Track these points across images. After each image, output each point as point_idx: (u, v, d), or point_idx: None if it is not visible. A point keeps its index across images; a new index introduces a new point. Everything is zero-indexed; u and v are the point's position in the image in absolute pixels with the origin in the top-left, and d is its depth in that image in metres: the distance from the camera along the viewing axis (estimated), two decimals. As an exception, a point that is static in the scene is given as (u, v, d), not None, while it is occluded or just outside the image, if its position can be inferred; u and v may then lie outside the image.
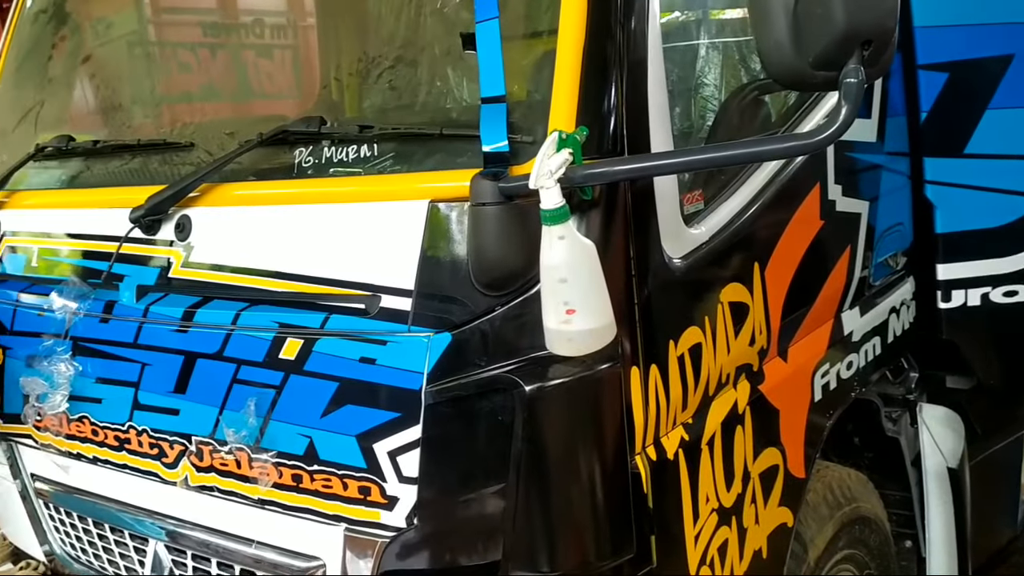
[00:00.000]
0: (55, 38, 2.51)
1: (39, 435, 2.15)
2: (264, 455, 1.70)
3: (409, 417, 1.53)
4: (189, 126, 2.06)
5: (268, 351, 1.68)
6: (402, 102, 1.84)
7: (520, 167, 1.43)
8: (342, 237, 1.63)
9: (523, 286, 1.45)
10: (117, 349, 1.94)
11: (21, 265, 2.21)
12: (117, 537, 2.11)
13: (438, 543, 1.59)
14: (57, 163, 2.23)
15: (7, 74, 2.50)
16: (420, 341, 1.51)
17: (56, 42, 2.49)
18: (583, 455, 1.50)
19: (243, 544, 1.83)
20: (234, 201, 1.79)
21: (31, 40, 2.52)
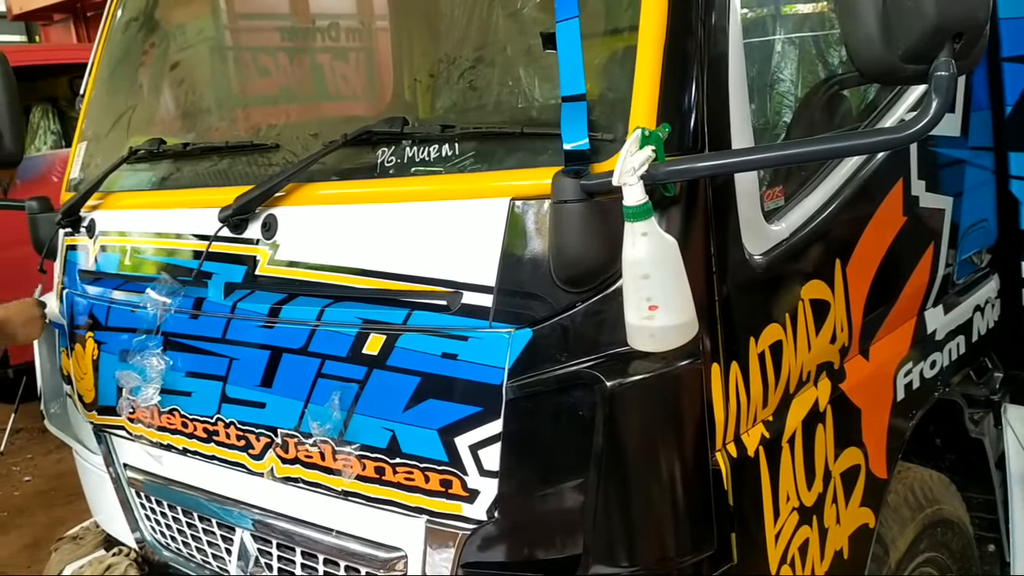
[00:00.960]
0: (144, 45, 2.60)
1: (132, 427, 2.23)
2: (348, 448, 1.74)
3: (490, 412, 1.55)
4: (274, 128, 2.11)
5: (352, 346, 1.73)
6: (481, 102, 1.86)
7: (601, 165, 1.45)
8: (424, 235, 1.66)
9: (604, 282, 1.47)
10: (206, 344, 2.00)
11: (115, 264, 2.30)
12: (205, 526, 2.18)
13: (518, 536, 1.62)
14: (148, 165, 2.31)
15: (99, 81, 2.61)
16: (501, 337, 1.53)
17: (146, 49, 2.58)
18: (663, 451, 1.51)
19: (326, 534, 1.87)
20: (318, 200, 1.84)
21: (122, 48, 2.62)
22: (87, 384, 2.38)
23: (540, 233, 1.51)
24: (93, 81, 2.61)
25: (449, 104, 1.92)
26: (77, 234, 2.42)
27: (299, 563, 1.96)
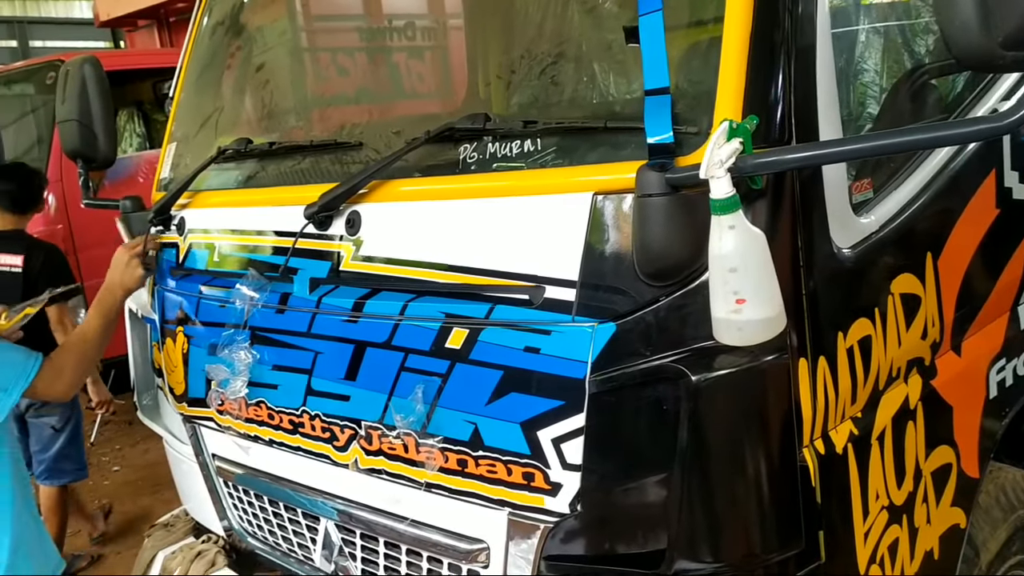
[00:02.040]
0: (230, 49, 2.67)
1: (220, 418, 2.30)
2: (431, 440, 1.76)
3: (573, 405, 1.56)
4: (358, 126, 2.15)
5: (435, 340, 1.75)
6: (559, 98, 1.86)
7: (685, 158, 1.44)
8: (506, 230, 1.67)
9: (688, 276, 1.46)
10: (292, 338, 2.05)
11: (203, 260, 2.38)
12: (291, 515, 2.24)
13: (601, 530, 1.62)
14: (234, 164, 2.37)
15: (187, 84, 2.69)
16: (584, 331, 1.54)
17: (231, 52, 2.65)
18: (750, 446, 1.49)
19: (410, 525, 1.90)
20: (401, 197, 1.86)
21: (208, 52, 2.70)
22: (177, 377, 2.46)
23: (623, 227, 1.51)
24: (181, 84, 2.69)
25: (525, 101, 1.93)
26: (167, 232, 2.50)
27: (382, 553, 2.00)
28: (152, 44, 7.74)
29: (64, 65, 2.71)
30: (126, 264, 2.36)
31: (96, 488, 5.36)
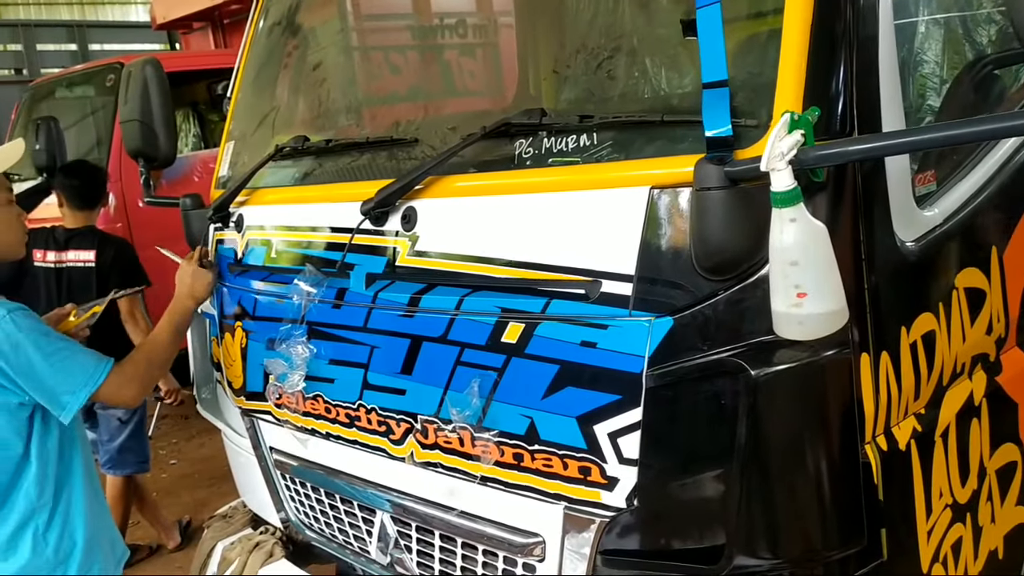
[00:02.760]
0: (286, 49, 2.71)
1: (278, 412, 2.34)
2: (486, 434, 1.77)
3: (630, 400, 1.56)
4: (413, 123, 2.17)
5: (491, 335, 1.76)
6: (612, 92, 1.86)
7: (744, 151, 1.43)
8: (562, 224, 1.68)
9: (747, 270, 1.45)
10: (348, 333, 2.08)
11: (261, 256, 2.42)
12: (347, 507, 2.27)
13: (658, 525, 1.62)
14: (291, 162, 2.41)
15: (245, 83, 2.74)
16: (641, 325, 1.53)
17: (288, 52, 2.69)
18: (811, 442, 1.48)
19: (466, 518, 1.92)
20: (456, 192, 1.88)
21: (265, 52, 2.74)
22: (236, 371, 2.50)
23: (681, 221, 1.50)
24: (239, 84, 2.74)
25: (576, 96, 1.93)
26: (226, 229, 2.55)
27: (438, 546, 2.02)
28: (207, 46, 7.89)
29: (127, 67, 2.78)
30: (192, 275, 2.39)
31: (154, 481, 5.48)
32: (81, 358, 2.08)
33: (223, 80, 7.19)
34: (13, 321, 1.99)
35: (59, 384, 2.02)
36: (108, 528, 2.30)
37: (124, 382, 2.12)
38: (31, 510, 2.08)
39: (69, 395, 2.03)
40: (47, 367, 2.01)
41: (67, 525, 2.14)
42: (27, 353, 1.99)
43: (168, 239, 5.59)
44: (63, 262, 3.97)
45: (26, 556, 2.09)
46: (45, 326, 2.09)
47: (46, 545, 2.10)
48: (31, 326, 2.02)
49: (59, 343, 2.06)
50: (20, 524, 2.08)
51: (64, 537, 2.13)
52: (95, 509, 2.22)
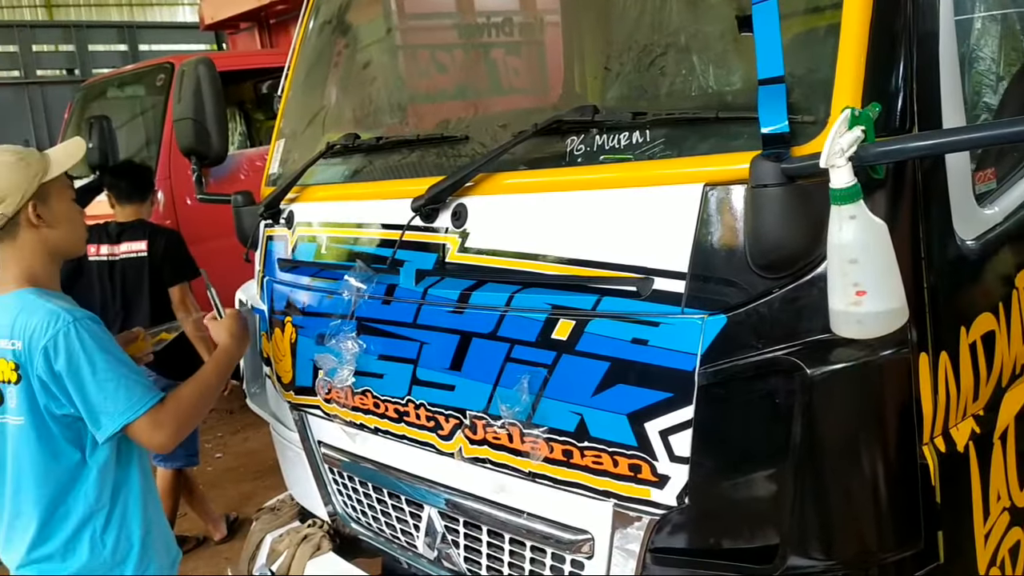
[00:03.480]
0: (335, 48, 2.74)
1: (327, 406, 2.37)
2: (536, 430, 1.78)
3: (681, 398, 1.55)
4: (463, 121, 2.18)
5: (541, 331, 1.76)
6: (661, 89, 1.85)
7: (801, 148, 1.42)
8: (614, 221, 1.68)
9: (803, 268, 1.44)
10: (398, 328, 2.10)
11: (311, 252, 2.45)
12: (394, 502, 2.29)
13: (709, 524, 1.61)
14: (341, 159, 2.43)
15: (295, 82, 2.77)
16: (694, 323, 1.53)
17: (337, 51, 2.72)
18: (867, 442, 1.46)
19: (514, 515, 1.92)
20: (507, 189, 1.88)
21: (315, 51, 2.77)
22: (285, 366, 2.53)
23: (735, 218, 1.50)
24: (289, 83, 2.77)
25: (624, 93, 1.92)
26: (276, 225, 2.58)
27: (485, 541, 2.03)
28: (253, 46, 7.99)
29: (180, 66, 2.84)
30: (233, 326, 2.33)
31: (200, 474, 5.56)
32: (130, 384, 2.03)
33: (269, 79, 7.30)
34: (76, 330, 2.00)
35: (101, 403, 2.01)
36: (163, 529, 2.34)
37: (157, 425, 2.06)
38: (89, 513, 2.12)
39: (107, 417, 2.01)
40: (94, 383, 2.00)
41: (124, 527, 2.17)
42: (80, 364, 1.99)
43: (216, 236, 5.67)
44: (116, 255, 4.09)
45: (84, 557, 2.12)
46: (108, 339, 2.08)
47: (103, 547, 2.14)
48: (93, 338, 2.02)
49: (115, 362, 2.04)
50: (78, 526, 2.11)
51: (121, 539, 2.16)
52: (151, 510, 2.25)
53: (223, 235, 4.69)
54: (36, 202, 2.11)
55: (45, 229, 2.12)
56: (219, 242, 5.53)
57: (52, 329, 2.00)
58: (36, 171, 2.11)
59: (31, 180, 2.10)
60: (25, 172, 2.09)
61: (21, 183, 2.08)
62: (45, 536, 2.13)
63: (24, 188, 2.08)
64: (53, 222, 2.14)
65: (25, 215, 2.09)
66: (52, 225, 2.13)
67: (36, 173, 2.11)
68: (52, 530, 2.12)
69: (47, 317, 2.01)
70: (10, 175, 2.08)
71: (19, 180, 2.08)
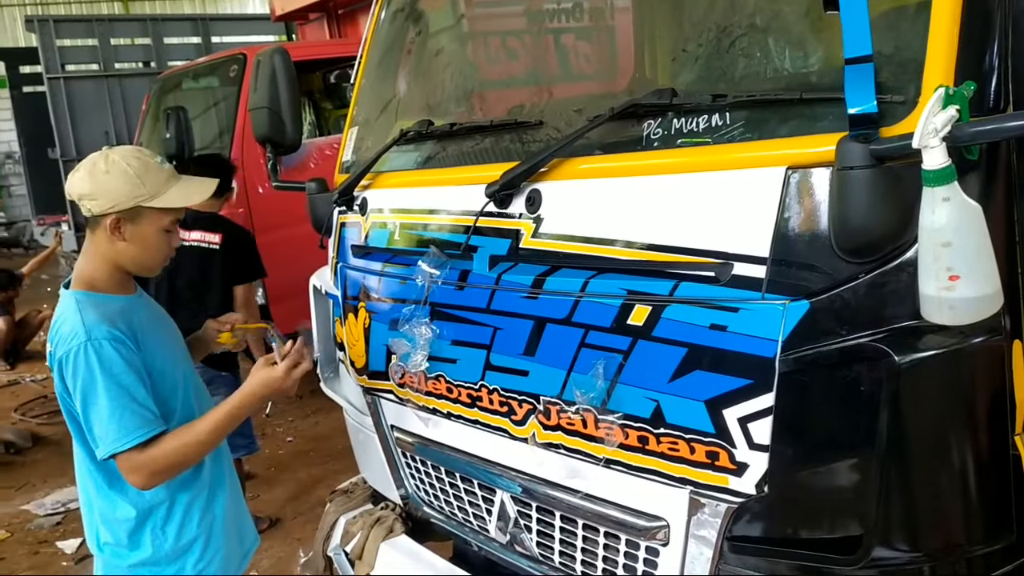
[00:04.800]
0: (407, 36, 2.76)
1: (400, 391, 2.39)
2: (611, 416, 1.77)
3: (761, 384, 1.53)
4: (536, 106, 2.17)
5: (616, 317, 1.75)
6: (739, 71, 1.81)
7: (890, 128, 1.38)
8: (692, 206, 1.66)
9: (891, 252, 1.40)
10: (471, 314, 2.11)
11: (384, 239, 2.47)
12: (467, 486, 2.30)
13: (789, 513, 1.59)
14: (414, 146, 2.45)
15: (368, 70, 2.80)
16: (775, 308, 1.50)
17: (409, 38, 2.74)
18: (957, 432, 1.42)
19: (587, 500, 1.92)
20: (581, 174, 1.87)
21: (388, 39, 2.80)
22: (358, 351, 2.57)
23: (819, 202, 1.46)
24: (362, 71, 2.80)
25: (696, 77, 1.89)
26: (350, 212, 2.61)
27: (558, 527, 2.03)
28: (322, 36, 8.09)
29: (256, 56, 2.89)
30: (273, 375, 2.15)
31: (271, 457, 5.70)
32: (125, 416, 1.98)
33: (338, 69, 7.40)
34: (88, 351, 1.98)
35: (96, 427, 2.00)
36: (237, 520, 2.35)
37: (132, 470, 2.02)
38: (148, 507, 2.14)
39: (99, 441, 2.00)
40: (94, 407, 1.99)
41: (186, 521, 2.18)
42: (85, 385, 1.99)
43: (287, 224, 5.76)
44: (186, 240, 4.18)
45: (148, 551, 2.16)
46: (120, 365, 2.00)
47: (164, 539, 2.17)
48: (103, 361, 1.99)
49: (117, 390, 1.99)
50: (140, 520, 2.14)
51: (184, 532, 2.18)
52: (220, 503, 2.26)
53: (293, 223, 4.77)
54: (122, 218, 2.06)
55: (120, 243, 2.09)
56: (289, 230, 5.64)
57: (68, 344, 2.00)
58: (141, 192, 2.05)
59: (130, 197, 2.05)
60: (130, 187, 2.04)
61: (118, 194, 2.04)
62: (108, 525, 2.18)
63: (116, 200, 2.04)
64: (132, 240, 2.09)
65: (106, 222, 2.07)
66: (130, 242, 2.09)
67: (141, 194, 2.05)
68: (113, 521, 2.17)
69: (70, 331, 2.01)
70: (113, 181, 2.04)
71: (118, 190, 2.04)
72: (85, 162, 2.10)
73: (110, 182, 2.04)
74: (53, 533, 5.06)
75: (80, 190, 2.07)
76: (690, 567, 1.74)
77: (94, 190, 2.05)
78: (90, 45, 9.61)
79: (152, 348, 2.13)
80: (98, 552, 2.22)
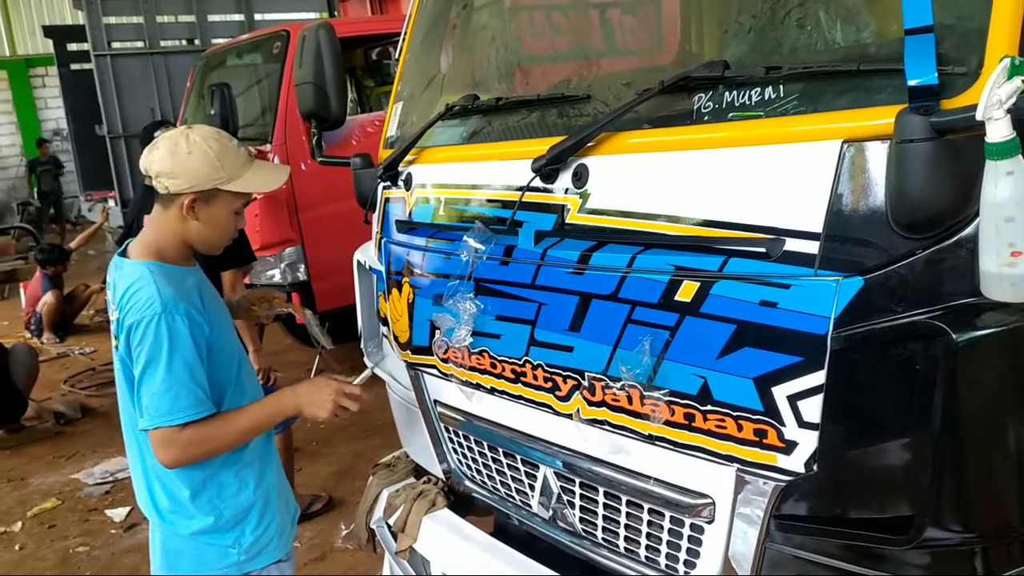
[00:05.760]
0: (453, 9, 2.75)
1: (443, 366, 2.40)
2: (657, 393, 1.76)
3: (812, 362, 1.51)
4: (583, 80, 2.15)
5: (663, 293, 1.74)
6: (789, 43, 1.78)
7: (951, 101, 1.34)
8: (743, 181, 1.63)
9: (950, 228, 1.37)
10: (516, 290, 2.10)
11: (429, 214, 2.47)
12: (510, 461, 2.31)
13: (838, 492, 1.57)
14: (459, 121, 2.44)
15: (413, 45, 2.79)
16: (828, 285, 1.48)
17: (454, 12, 2.72)
18: (1015, 412, 1.39)
19: (631, 477, 1.92)
20: (629, 149, 1.86)
21: (433, 13, 2.78)
22: (402, 325, 2.58)
23: (876, 176, 1.43)
24: (407, 46, 2.80)
25: (745, 50, 1.86)
26: (395, 187, 2.62)
27: (601, 503, 2.03)
28: (364, 13, 8.11)
29: (302, 31, 2.89)
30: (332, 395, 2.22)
31: (313, 432, 5.78)
32: (180, 394, 2.04)
33: (379, 46, 7.40)
34: (160, 322, 2.03)
35: (147, 396, 2.05)
36: (284, 487, 2.43)
37: (171, 443, 2.06)
38: (207, 476, 2.21)
39: (143, 411, 2.06)
40: (152, 378, 2.04)
41: (242, 488, 2.26)
42: (150, 355, 2.04)
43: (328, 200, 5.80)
44: None
45: (209, 518, 2.23)
46: (187, 341, 2.06)
47: (224, 507, 2.23)
48: (173, 335, 2.05)
49: (181, 366, 2.05)
50: (199, 488, 2.21)
51: (241, 499, 2.25)
52: (271, 473, 2.35)
53: (335, 199, 4.80)
54: (199, 199, 2.14)
55: (193, 222, 2.17)
56: (331, 206, 5.69)
57: (142, 312, 2.05)
58: (220, 175, 2.13)
59: (209, 179, 2.12)
60: (210, 169, 2.12)
61: (197, 175, 2.11)
62: (168, 494, 2.24)
63: (195, 181, 2.12)
64: (204, 221, 2.18)
65: (181, 200, 2.14)
66: (202, 222, 2.18)
67: (219, 177, 2.13)
68: (172, 489, 2.23)
69: (146, 300, 2.06)
70: (196, 164, 2.11)
71: (198, 171, 2.11)
72: (166, 140, 2.15)
73: (191, 163, 2.11)
74: (102, 501, 5.19)
75: (160, 168, 2.12)
76: (735, 545, 1.74)
77: (175, 169, 2.11)
78: (136, 22, 9.72)
79: (216, 322, 2.21)
80: (157, 519, 2.28)
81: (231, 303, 2.57)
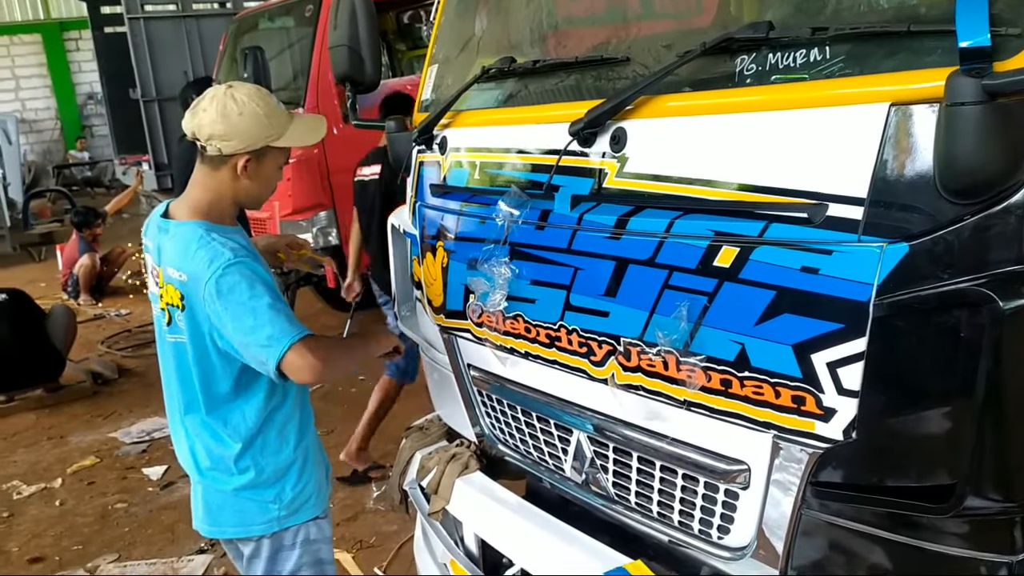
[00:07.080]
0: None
1: (477, 330, 2.41)
2: (693, 358, 1.75)
3: (853, 329, 1.49)
4: (622, 43, 2.12)
5: (702, 258, 1.72)
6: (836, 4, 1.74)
7: (1004, 63, 1.30)
8: (786, 145, 1.61)
9: (999, 193, 1.33)
10: (551, 254, 2.10)
11: (464, 178, 2.47)
12: (543, 426, 2.32)
13: (877, 460, 1.56)
14: (494, 84, 2.42)
15: (448, 7, 2.76)
16: (872, 251, 1.45)
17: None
18: (1061, 381, 1.37)
19: (666, 442, 1.92)
20: (669, 112, 1.83)
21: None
22: (436, 289, 2.59)
23: (923, 140, 1.40)
24: (442, 8, 2.77)
25: (786, 12, 1.82)
26: (429, 151, 2.61)
27: (635, 468, 2.03)
28: (394, -24, 8.03)
29: (336, -7, 2.87)
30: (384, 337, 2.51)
31: (344, 395, 5.84)
32: (288, 318, 2.13)
33: (411, 10, 7.35)
34: (235, 270, 2.10)
35: (259, 332, 2.10)
36: (319, 446, 2.50)
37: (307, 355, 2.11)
38: (250, 435, 2.28)
39: (269, 341, 2.09)
40: (256, 316, 2.09)
41: (283, 445, 2.33)
42: (239, 302, 2.09)
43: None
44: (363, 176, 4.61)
45: (251, 475, 2.30)
46: (266, 279, 2.16)
47: (265, 463, 2.31)
48: (249, 277, 2.11)
49: (277, 298, 2.14)
50: (243, 446, 2.28)
51: (281, 456, 2.33)
52: (309, 433, 2.42)
53: (369, 162, 4.78)
54: (252, 158, 2.21)
55: (245, 181, 2.23)
56: (364, 169, 5.67)
57: (213, 267, 2.10)
58: (271, 133, 2.20)
59: (262, 138, 2.19)
60: (261, 128, 2.19)
61: (251, 135, 2.18)
62: (209, 452, 2.31)
63: (251, 142, 2.18)
64: (255, 178, 2.25)
65: (235, 161, 2.19)
66: (253, 179, 2.24)
67: (270, 135, 2.20)
68: (215, 447, 2.29)
69: (211, 256, 2.12)
70: (248, 124, 2.16)
71: (250, 131, 2.17)
72: (213, 103, 2.18)
73: (243, 123, 2.16)
74: (139, 460, 5.30)
75: (211, 131, 2.17)
76: (770, 511, 1.74)
77: (228, 131, 2.16)
78: (168, -14, 9.73)
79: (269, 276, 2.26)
80: (199, 477, 2.34)
81: (257, 243, 2.59)
